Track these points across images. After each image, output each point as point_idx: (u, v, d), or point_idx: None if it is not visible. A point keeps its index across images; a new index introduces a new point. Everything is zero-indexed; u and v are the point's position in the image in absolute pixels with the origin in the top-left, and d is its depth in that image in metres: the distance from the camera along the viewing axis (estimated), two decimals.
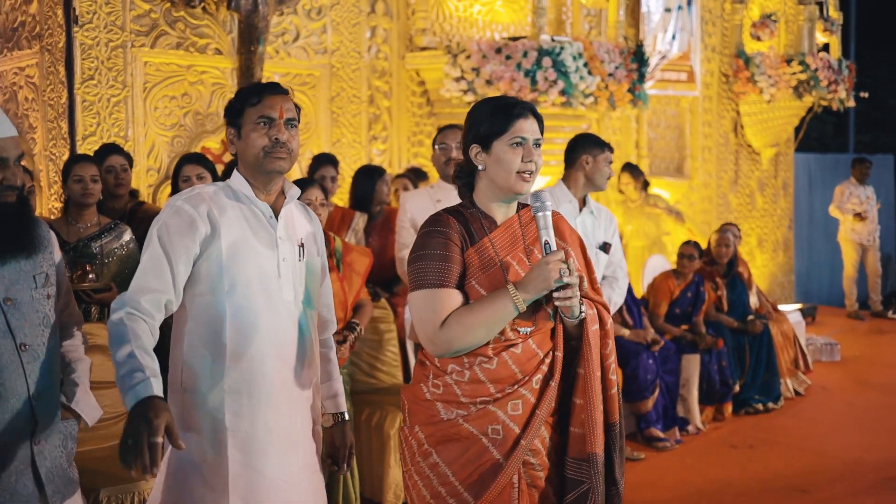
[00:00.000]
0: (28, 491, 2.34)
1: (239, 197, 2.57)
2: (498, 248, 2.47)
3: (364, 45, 6.55)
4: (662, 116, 9.09)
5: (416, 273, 2.43)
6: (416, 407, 2.50)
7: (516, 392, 2.40)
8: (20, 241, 2.40)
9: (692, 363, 6.37)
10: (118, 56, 5.27)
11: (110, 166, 4.63)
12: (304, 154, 6.23)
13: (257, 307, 2.51)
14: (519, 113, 2.46)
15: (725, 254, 6.96)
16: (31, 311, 2.40)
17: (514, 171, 2.44)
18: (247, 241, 2.52)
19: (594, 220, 4.44)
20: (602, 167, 4.36)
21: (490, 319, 2.36)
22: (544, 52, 6.38)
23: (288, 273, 2.57)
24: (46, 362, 2.42)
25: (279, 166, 2.53)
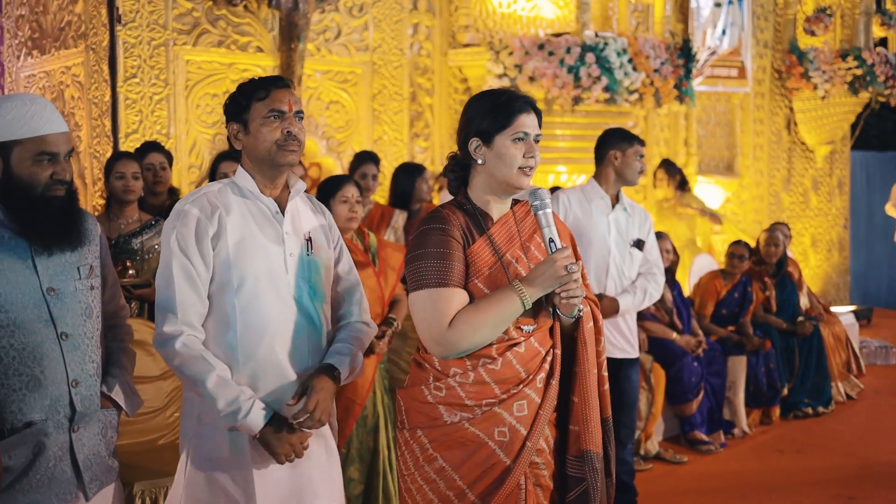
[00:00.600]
0: (66, 476, 2.41)
1: (244, 193, 2.56)
2: (498, 244, 2.43)
3: (406, 42, 6.52)
4: (712, 113, 8.91)
5: (415, 273, 2.38)
6: (415, 410, 2.45)
7: (521, 392, 2.37)
8: (67, 235, 2.45)
9: (738, 365, 6.24)
10: (160, 54, 5.32)
11: (149, 164, 4.68)
12: (345, 151, 6.23)
13: (266, 304, 2.50)
14: (521, 107, 2.42)
15: (774, 253, 6.79)
16: (73, 301, 2.45)
17: (516, 165, 2.40)
18: (253, 237, 2.51)
19: (628, 217, 4.36)
20: (632, 161, 4.28)
21: (498, 318, 2.32)
22: (587, 48, 6.30)
23: (295, 268, 2.55)
24: (87, 352, 2.48)
25: (291, 159, 2.53)
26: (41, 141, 2.37)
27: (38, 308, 2.39)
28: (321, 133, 6.11)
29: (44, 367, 2.39)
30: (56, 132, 2.40)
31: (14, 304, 2.36)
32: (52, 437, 2.39)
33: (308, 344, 2.58)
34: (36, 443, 2.37)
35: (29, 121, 2.36)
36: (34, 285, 2.40)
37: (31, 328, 2.37)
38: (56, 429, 2.40)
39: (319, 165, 6.29)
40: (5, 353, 2.35)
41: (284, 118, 2.51)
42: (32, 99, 2.42)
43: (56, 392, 2.40)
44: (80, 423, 2.44)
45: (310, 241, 2.60)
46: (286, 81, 2.61)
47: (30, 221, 2.39)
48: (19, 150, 2.36)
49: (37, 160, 2.37)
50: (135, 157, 4.45)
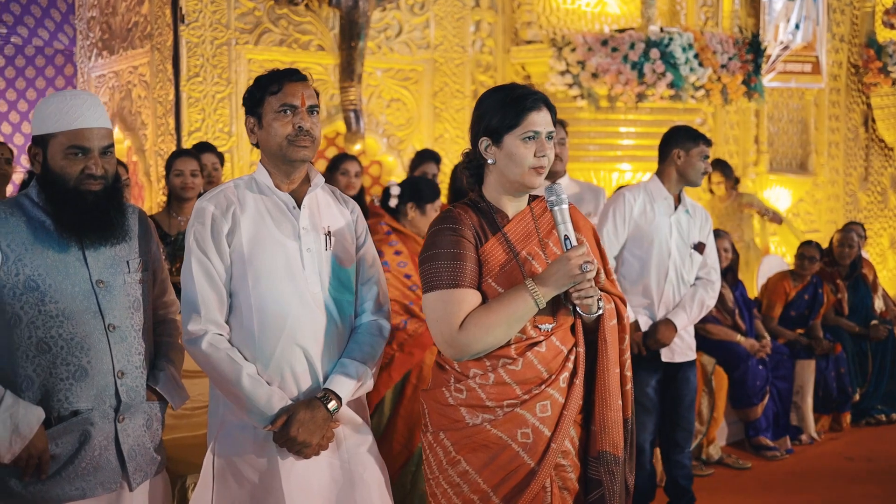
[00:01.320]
0: (111, 466, 2.45)
1: (261, 188, 2.54)
2: (513, 242, 2.37)
3: (468, 40, 6.50)
4: (785, 110, 8.67)
5: (427, 274, 2.34)
6: (438, 413, 2.41)
7: (544, 392, 2.31)
8: (108, 229, 2.47)
9: (807, 369, 6.04)
10: (223, 53, 5.40)
11: (202, 164, 4.74)
12: (405, 149, 6.23)
13: (283, 300, 2.47)
14: (531, 105, 2.34)
15: (848, 254, 6.56)
16: (121, 293, 2.50)
17: (526, 166, 2.33)
18: (269, 233, 2.49)
19: (689, 219, 4.24)
20: (696, 162, 4.15)
21: (510, 318, 2.26)
22: (652, 44, 6.18)
23: (314, 263, 2.52)
24: (134, 344, 2.52)
25: (303, 155, 2.49)
26: (73, 134, 2.39)
27: (87, 299, 2.43)
28: (381, 131, 6.12)
29: (91, 357, 2.43)
30: (89, 126, 2.41)
31: (64, 294, 2.40)
32: (98, 427, 2.43)
33: (330, 339, 2.54)
34: (82, 431, 2.41)
35: (64, 115, 2.39)
36: (84, 277, 2.44)
37: (80, 319, 2.42)
38: (102, 418, 2.44)
39: (380, 163, 6.31)
40: (54, 342, 2.40)
41: (296, 113, 2.48)
42: (75, 94, 2.45)
43: (102, 382, 2.44)
44: (125, 413, 2.48)
45: (329, 236, 2.55)
46: (301, 75, 2.56)
47: (62, 214, 2.42)
48: (54, 143, 2.40)
49: (68, 154, 2.40)
50: (194, 155, 4.52)
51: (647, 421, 4.22)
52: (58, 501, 2.39)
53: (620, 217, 4.16)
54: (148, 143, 5.63)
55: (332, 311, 2.55)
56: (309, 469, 2.48)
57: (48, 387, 2.40)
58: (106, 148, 2.46)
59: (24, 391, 2.39)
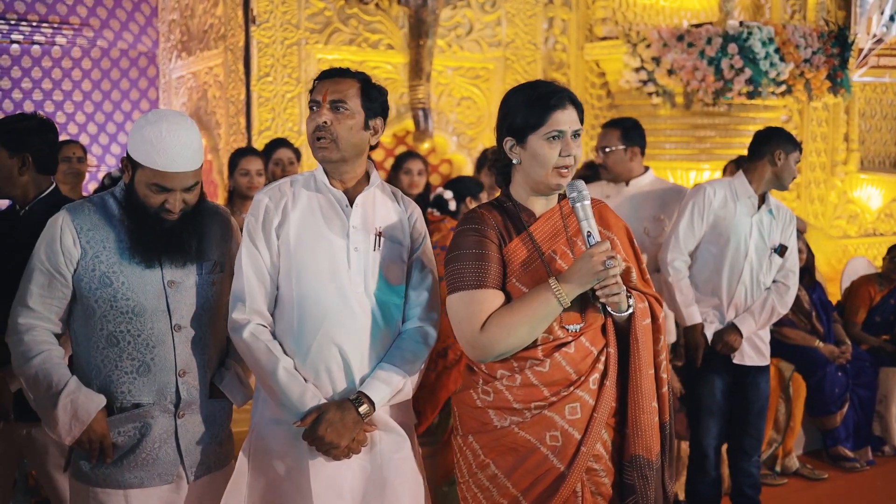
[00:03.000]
0: (169, 458, 2.54)
1: (318, 185, 2.55)
2: (539, 241, 2.32)
3: (540, 37, 6.42)
4: (878, 106, 8.30)
5: (452, 275, 2.32)
6: (467, 415, 2.39)
7: (573, 394, 2.25)
8: (179, 252, 2.55)
9: (892, 377, 5.77)
10: (293, 53, 5.47)
11: (278, 159, 4.80)
12: (475, 147, 6.20)
13: (325, 297, 2.47)
14: (556, 103, 2.27)
15: None
16: (192, 294, 2.57)
17: (550, 166, 2.28)
18: (317, 229, 2.50)
19: (772, 220, 4.08)
20: (792, 166, 4.05)
21: (532, 318, 2.21)
22: (730, 38, 5.98)
23: (360, 263, 2.50)
24: (200, 344, 2.58)
25: (323, 155, 2.49)
26: (157, 174, 2.44)
27: (157, 299, 2.51)
28: (451, 129, 6.11)
29: (154, 354, 2.51)
30: (174, 171, 2.45)
31: (137, 292, 2.49)
32: (158, 421, 2.52)
33: (372, 341, 2.51)
34: (143, 424, 2.51)
35: (155, 152, 2.43)
36: (156, 277, 2.51)
37: (149, 317, 2.50)
38: (162, 413, 2.52)
39: (450, 162, 6.30)
40: (122, 337, 2.49)
41: (317, 111, 2.49)
42: (171, 129, 2.45)
43: (164, 379, 2.52)
44: (185, 409, 2.55)
45: (379, 237, 2.54)
46: (343, 71, 2.54)
47: (139, 232, 2.50)
48: (140, 172, 2.47)
49: (150, 187, 2.46)
50: (259, 154, 4.58)
51: (711, 425, 4.09)
52: (118, 486, 2.50)
53: (699, 212, 4.05)
54: (222, 142, 5.75)
55: (376, 313, 2.52)
56: (339, 470, 2.47)
57: (113, 378, 2.49)
58: (190, 187, 2.52)
59: (93, 379, 2.50)
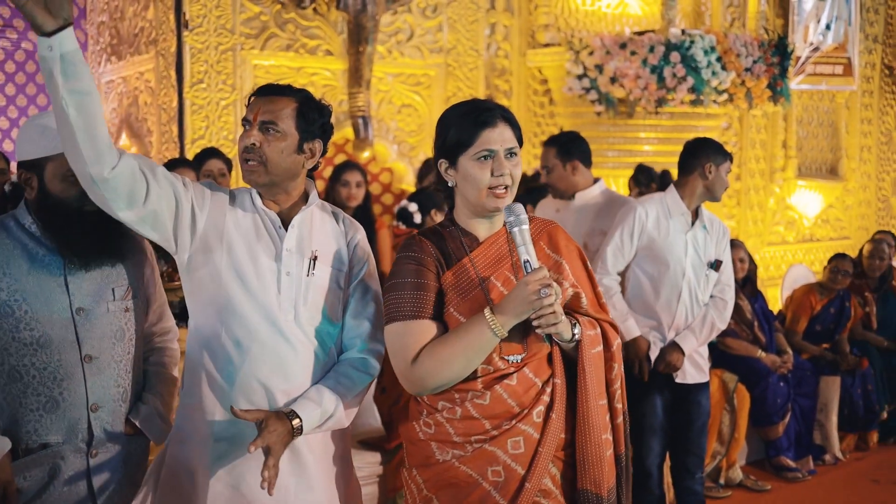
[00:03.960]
0: (78, 499, 2.35)
1: (256, 205, 2.39)
2: (479, 267, 2.20)
3: (482, 43, 6.33)
4: (815, 113, 8.39)
5: (388, 304, 2.21)
6: (412, 447, 2.28)
7: (515, 428, 2.15)
8: (103, 249, 2.38)
9: (832, 386, 5.80)
10: (228, 59, 5.28)
11: (209, 170, 4.63)
12: (416, 156, 6.09)
13: (252, 324, 2.31)
14: (485, 121, 2.16)
15: (878, 267, 6.30)
16: (103, 323, 2.40)
17: (483, 187, 2.16)
18: (249, 251, 2.34)
19: (706, 236, 4.02)
20: (724, 177, 3.97)
21: (467, 350, 2.09)
22: (672, 47, 5.96)
23: (290, 289, 2.35)
24: (113, 376, 2.41)
25: (250, 178, 2.34)
26: None
27: (64, 328, 2.33)
28: (392, 137, 5.98)
29: (63, 388, 2.33)
30: None
31: (42, 322, 2.31)
32: (69, 461, 2.34)
33: (300, 376, 2.35)
34: (52, 465, 2.32)
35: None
36: (64, 304, 2.34)
37: (56, 348, 2.32)
38: (73, 452, 2.34)
39: (391, 170, 6.17)
40: (26, 371, 2.31)
41: (249, 129, 2.33)
42: None
43: (74, 416, 2.35)
44: (98, 448, 2.38)
45: (314, 261, 2.38)
46: (278, 88, 2.39)
47: (66, 236, 2.33)
48: (51, 166, 2.31)
49: (66, 176, 2.30)
50: (192, 166, 4.41)
51: (654, 443, 4.03)
52: None
53: (628, 233, 3.97)
54: (153, 150, 5.53)
55: (307, 344, 2.37)
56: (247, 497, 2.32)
57: (17, 417, 2.31)
58: None
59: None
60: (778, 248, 8.01)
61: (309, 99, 2.42)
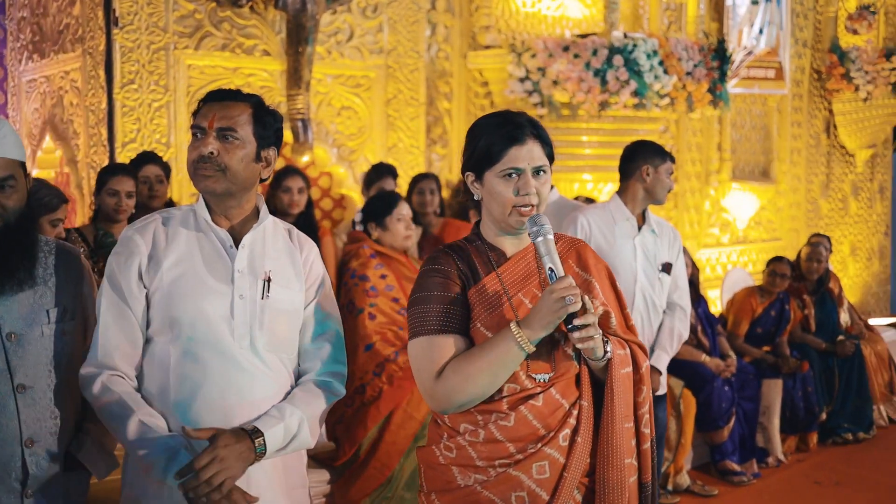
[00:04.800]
0: None
1: (199, 223, 2.24)
2: (507, 284, 2.14)
3: (423, 44, 6.19)
4: (748, 116, 8.48)
5: (414, 318, 2.13)
6: (431, 472, 2.19)
7: (540, 452, 2.08)
8: (14, 269, 2.16)
9: (774, 388, 5.85)
10: (160, 59, 5.04)
11: (145, 177, 4.42)
12: (357, 160, 5.92)
13: (204, 354, 2.15)
14: (513, 137, 2.10)
15: (816, 269, 6.39)
16: (38, 348, 2.20)
17: (508, 206, 2.11)
18: (196, 274, 2.18)
19: (655, 239, 3.98)
20: (664, 178, 3.92)
21: (493, 365, 2.03)
22: (615, 50, 5.92)
23: (245, 314, 2.19)
24: (50, 407, 2.22)
25: (205, 185, 2.20)
26: None
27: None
28: (332, 141, 5.80)
29: None
30: None
31: None
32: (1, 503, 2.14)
33: (259, 406, 2.20)
34: None
35: None
36: None
37: None
38: (6, 493, 2.14)
39: (330, 175, 5.99)
40: None
41: (201, 137, 2.20)
42: None
43: (7, 452, 2.14)
44: (33, 487, 2.17)
45: (268, 283, 2.23)
46: (232, 94, 2.27)
47: None
48: None
49: None
50: (131, 173, 4.19)
51: None
52: None
53: None
54: (80, 153, 5.25)
55: (265, 371, 2.22)
56: None
57: None
58: (6, 179, 2.15)
59: None
60: (713, 250, 8.07)
61: (262, 104, 2.31)
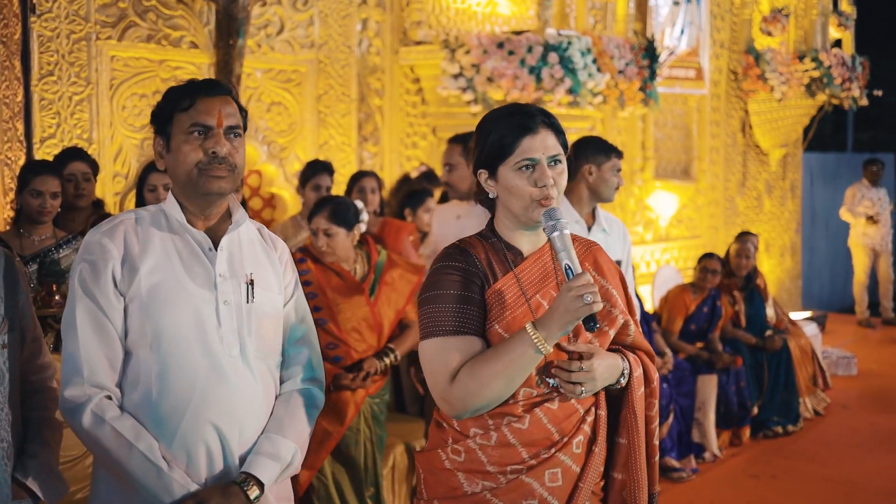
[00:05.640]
0: None
1: (172, 225, 2.08)
2: (525, 284, 2.05)
3: (354, 39, 6.03)
4: (669, 116, 8.60)
5: (428, 318, 2.02)
6: (433, 478, 2.08)
7: (554, 458, 2.01)
8: None
9: (709, 384, 5.90)
10: (81, 49, 4.74)
11: (70, 174, 4.16)
12: (287, 157, 5.72)
13: (192, 365, 2.00)
14: (525, 127, 2.03)
15: (745, 266, 6.48)
16: None
17: (528, 199, 2.03)
18: (176, 280, 2.02)
19: (606, 238, 3.91)
20: (608, 177, 3.84)
21: (509, 369, 1.94)
22: (550, 48, 5.88)
23: (231, 320, 2.05)
24: None
25: (217, 187, 2.05)
26: None
27: None
28: (262, 137, 5.59)
29: None
30: None
31: None
32: None
33: (251, 414, 2.07)
34: None
35: None
36: None
37: None
38: None
39: (259, 173, 5.77)
40: None
41: (210, 135, 2.05)
42: None
43: None
44: None
45: (251, 285, 2.10)
46: (222, 87, 2.13)
47: None
48: None
49: None
50: (56, 171, 3.92)
51: None
52: None
53: None
54: None
55: (256, 379, 2.08)
56: None
57: None
58: None
59: None
60: (637, 248, 8.13)
61: (237, 96, 2.19)
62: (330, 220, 3.74)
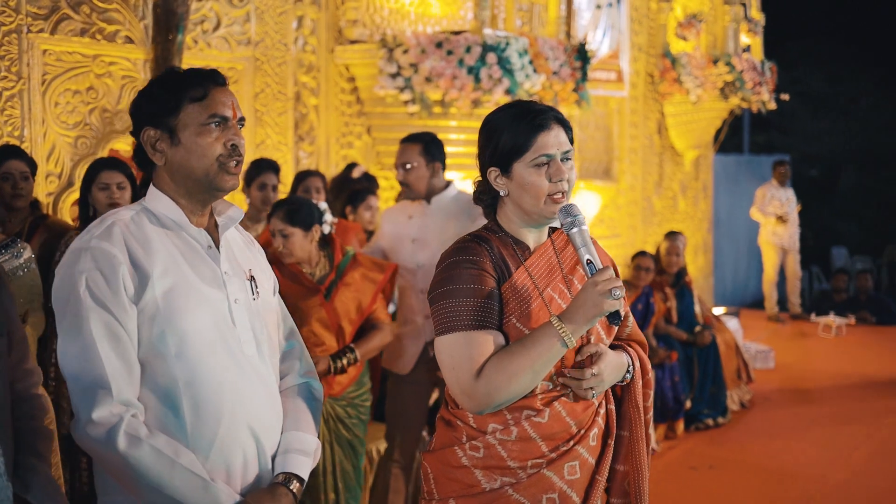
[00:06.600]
0: None
1: (165, 223, 1.96)
2: (536, 278, 2.08)
3: (291, 37, 5.92)
4: (592, 117, 8.75)
5: (445, 313, 2.00)
6: (447, 477, 2.06)
7: (573, 451, 2.04)
8: None
9: None
10: (11, 43, 4.51)
11: (7, 173, 3.94)
12: None
13: (221, 370, 1.91)
14: (539, 124, 2.05)
15: (676, 263, 6.65)
16: None
17: (542, 195, 2.05)
18: (187, 282, 1.92)
19: None
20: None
21: (536, 363, 1.95)
22: (489, 48, 5.90)
23: (245, 318, 1.98)
24: None
25: (232, 184, 1.98)
26: None
27: None
28: None
29: None
30: None
31: None
32: None
33: (273, 413, 2.03)
34: None
35: None
36: None
37: None
38: None
39: None
40: None
41: (227, 127, 1.97)
42: None
43: None
44: None
45: (253, 281, 2.05)
46: (223, 77, 2.05)
47: None
48: None
49: None
50: None
51: None
52: None
53: None
54: None
55: (268, 376, 2.03)
56: None
57: None
58: None
59: None
60: None
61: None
62: (285, 221, 3.66)
